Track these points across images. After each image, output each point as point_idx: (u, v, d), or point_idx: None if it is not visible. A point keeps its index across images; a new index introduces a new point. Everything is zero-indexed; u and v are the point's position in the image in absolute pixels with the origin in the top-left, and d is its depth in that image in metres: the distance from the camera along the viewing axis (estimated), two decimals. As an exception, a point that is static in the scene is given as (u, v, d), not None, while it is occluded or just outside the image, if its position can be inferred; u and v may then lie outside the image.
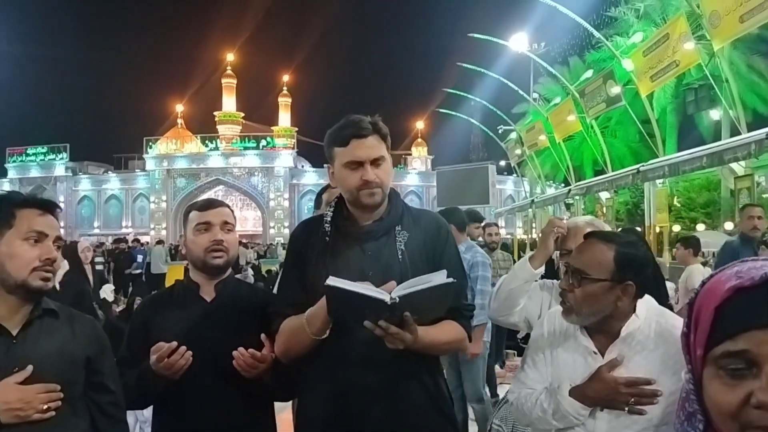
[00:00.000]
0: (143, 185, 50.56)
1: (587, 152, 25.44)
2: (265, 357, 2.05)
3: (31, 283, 1.72)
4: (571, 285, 1.88)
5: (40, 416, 1.67)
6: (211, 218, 2.24)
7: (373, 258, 1.95)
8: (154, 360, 2.01)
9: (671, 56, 14.03)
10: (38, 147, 51.09)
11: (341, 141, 1.97)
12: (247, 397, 2.12)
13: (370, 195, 1.95)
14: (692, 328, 0.85)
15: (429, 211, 2.23)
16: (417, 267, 1.94)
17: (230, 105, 54.16)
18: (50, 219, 1.80)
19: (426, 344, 1.83)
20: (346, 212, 2.04)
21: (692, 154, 12.92)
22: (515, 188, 47.69)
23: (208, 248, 2.20)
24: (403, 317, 1.71)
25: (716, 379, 0.79)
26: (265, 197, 48.41)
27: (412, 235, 2.00)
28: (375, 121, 1.99)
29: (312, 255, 1.99)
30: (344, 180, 1.98)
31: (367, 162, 1.94)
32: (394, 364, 1.86)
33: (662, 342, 1.83)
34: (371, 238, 1.99)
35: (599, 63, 23.01)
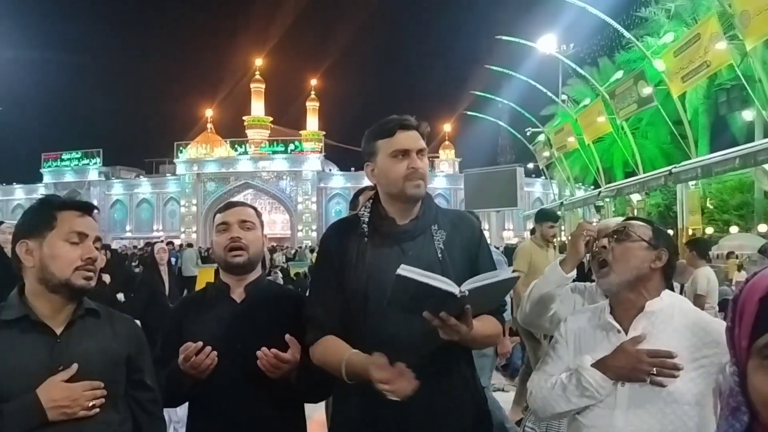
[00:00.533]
0: (174, 189, 51.22)
1: (617, 154, 25.13)
2: (288, 358, 2.05)
3: (75, 282, 1.77)
4: (610, 243, 1.97)
5: (86, 413, 1.71)
6: (229, 218, 2.28)
7: (413, 258, 1.93)
8: (182, 360, 2.04)
9: (702, 56, 13.82)
10: (72, 152, 52.16)
11: (386, 132, 2.00)
12: (276, 397, 2.14)
13: (416, 186, 1.97)
14: (736, 321, 0.86)
15: (460, 211, 2.27)
16: (456, 266, 1.96)
17: (259, 109, 54.63)
18: (89, 220, 1.85)
19: (476, 336, 1.83)
20: (383, 212, 2.05)
21: (725, 156, 12.71)
22: (543, 191, 47.27)
23: (227, 247, 2.23)
24: (464, 309, 1.73)
25: (761, 370, 0.80)
26: (293, 201, 48.69)
27: (449, 235, 2.02)
28: (420, 121, 2.04)
29: (349, 256, 1.99)
30: (389, 170, 1.98)
31: (414, 151, 1.98)
32: (435, 355, 1.87)
33: (684, 321, 1.89)
34: (409, 238, 2.00)
35: (629, 64, 22.74)
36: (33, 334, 1.74)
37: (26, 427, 1.65)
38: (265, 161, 49.57)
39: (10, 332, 1.73)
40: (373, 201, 2.09)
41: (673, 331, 1.87)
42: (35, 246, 1.77)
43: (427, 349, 1.85)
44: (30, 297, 1.78)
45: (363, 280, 1.94)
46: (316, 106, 56.55)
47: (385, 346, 1.85)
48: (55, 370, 1.71)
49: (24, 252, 1.78)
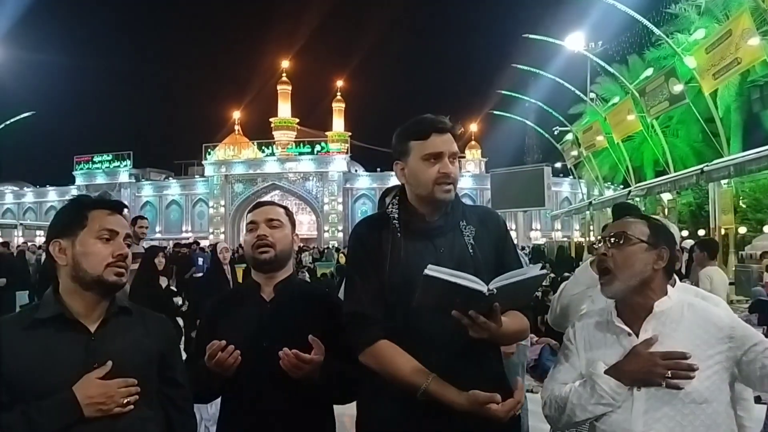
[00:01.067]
0: (202, 191, 51.88)
1: (648, 152, 24.80)
2: (310, 359, 2.04)
3: (107, 279, 1.79)
4: (609, 249, 1.92)
5: (121, 410, 1.73)
6: (257, 217, 2.31)
7: (446, 254, 1.96)
8: (207, 358, 2.07)
9: (734, 53, 13.56)
10: (104, 155, 53.13)
11: (420, 134, 1.98)
12: (304, 397, 2.13)
13: (446, 191, 1.96)
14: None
15: (484, 207, 2.27)
16: (487, 261, 1.97)
17: (285, 111, 55.05)
18: (119, 218, 1.88)
19: (504, 333, 1.82)
20: (412, 208, 2.04)
21: (759, 153, 12.44)
22: (572, 190, 46.84)
23: (254, 244, 2.26)
24: (493, 307, 1.72)
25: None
26: (320, 201, 48.97)
27: (478, 230, 2.02)
28: (454, 123, 2.03)
29: (383, 252, 1.99)
30: (420, 173, 1.98)
31: (447, 155, 1.97)
32: (465, 351, 1.87)
33: (694, 318, 1.86)
34: (440, 234, 2.00)
35: (659, 61, 22.40)
36: (68, 332, 1.76)
37: (63, 423, 1.67)
38: (291, 162, 49.93)
39: (46, 331, 1.75)
40: (399, 198, 2.08)
41: (685, 329, 1.85)
42: (68, 244, 1.80)
43: (459, 346, 1.85)
44: (64, 295, 1.81)
45: (398, 276, 1.93)
46: (341, 107, 56.78)
47: (420, 342, 1.87)
48: (90, 367, 1.73)
49: (57, 251, 1.81)
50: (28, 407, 1.66)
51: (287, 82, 55.55)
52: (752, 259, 15.70)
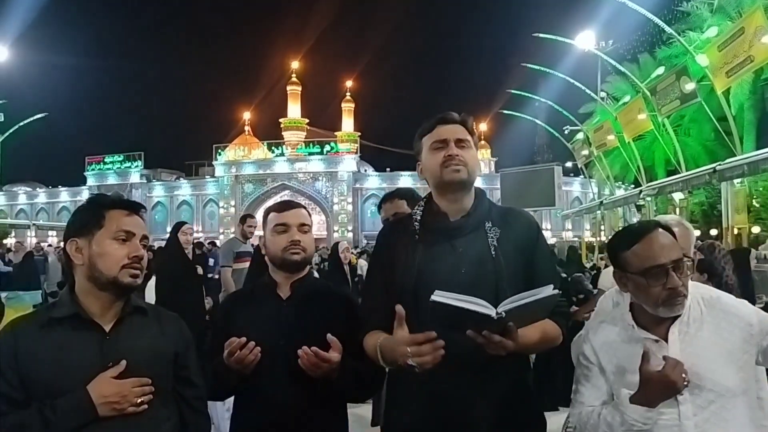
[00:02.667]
0: (213, 191, 52.05)
1: (659, 152, 24.65)
2: (329, 357, 2.05)
3: (122, 280, 1.80)
4: (681, 277, 1.82)
5: (135, 409, 1.74)
6: (289, 219, 2.31)
7: (464, 255, 1.94)
8: (226, 354, 2.07)
9: (747, 51, 13.44)
10: (115, 155, 53.42)
11: (428, 129, 2.06)
12: (319, 395, 2.14)
13: (454, 170, 1.97)
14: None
15: (516, 209, 2.19)
16: (510, 264, 1.93)
17: (295, 111, 55.18)
18: (136, 219, 1.88)
19: (527, 345, 1.82)
20: (436, 208, 2.05)
21: (773, 152, 12.32)
22: (582, 190, 46.61)
23: (287, 248, 2.27)
24: (507, 327, 1.71)
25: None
26: (329, 201, 49.01)
27: (503, 232, 1.99)
28: (464, 116, 2.06)
29: (399, 254, 2.00)
30: (430, 162, 2.02)
31: (451, 140, 2.00)
32: (485, 365, 1.85)
33: (716, 313, 1.85)
34: (461, 234, 1.98)
35: (671, 59, 22.25)
36: (83, 331, 1.77)
37: (78, 422, 1.68)
38: (301, 162, 50.01)
39: (61, 329, 1.76)
40: (427, 199, 2.10)
41: (710, 325, 1.83)
42: (84, 244, 1.81)
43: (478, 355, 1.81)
44: (80, 295, 1.82)
45: (412, 278, 1.93)
46: (351, 108, 56.85)
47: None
48: (105, 366, 1.74)
49: (74, 250, 1.81)
50: (43, 406, 1.67)
51: (297, 83, 55.68)
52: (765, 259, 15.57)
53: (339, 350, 2.08)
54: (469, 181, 2.01)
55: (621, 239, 1.91)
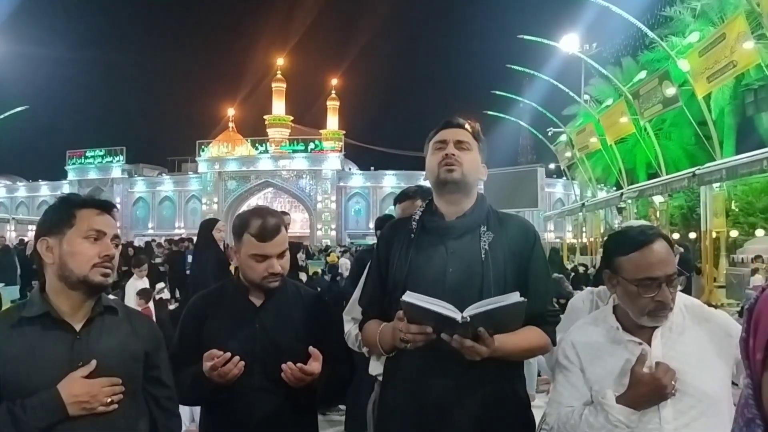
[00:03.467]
0: (195, 187, 51.76)
1: (640, 155, 24.87)
2: (312, 371, 2.06)
3: (92, 279, 1.79)
4: (671, 291, 1.83)
5: (105, 409, 1.73)
6: (269, 251, 2.18)
7: (455, 256, 1.98)
8: (208, 368, 2.04)
9: (729, 56, 13.59)
10: (96, 150, 52.90)
11: (434, 133, 2.12)
12: (292, 401, 2.15)
13: (448, 170, 2.01)
14: (751, 333, 0.83)
15: (517, 216, 2.24)
16: (500, 269, 1.95)
17: (280, 109, 55.00)
18: (108, 218, 1.87)
19: (507, 352, 1.85)
20: (435, 208, 2.10)
21: (752, 157, 12.47)
22: (565, 191, 46.97)
23: (266, 277, 2.19)
24: (478, 332, 1.74)
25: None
26: (313, 199, 48.94)
27: (497, 237, 2.01)
28: (469, 122, 2.12)
29: (394, 252, 2.05)
30: (429, 162, 2.08)
31: (450, 142, 2.05)
32: (472, 370, 1.87)
33: (697, 320, 1.87)
34: (454, 235, 2.02)
35: (653, 64, 22.45)
36: (54, 330, 1.76)
37: (48, 421, 1.67)
38: (285, 160, 49.88)
39: (32, 329, 1.75)
40: (429, 200, 2.14)
41: (690, 331, 1.86)
42: (55, 243, 1.79)
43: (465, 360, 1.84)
44: (50, 294, 1.80)
45: (403, 275, 1.98)
46: (336, 106, 56.80)
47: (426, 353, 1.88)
48: (75, 366, 1.73)
49: (45, 249, 1.80)
50: (12, 405, 1.66)
51: (282, 80, 55.51)
52: (743, 263, 15.78)
53: (320, 360, 2.09)
54: (464, 182, 2.04)
55: (620, 243, 1.90)
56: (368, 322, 2.11)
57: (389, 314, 1.99)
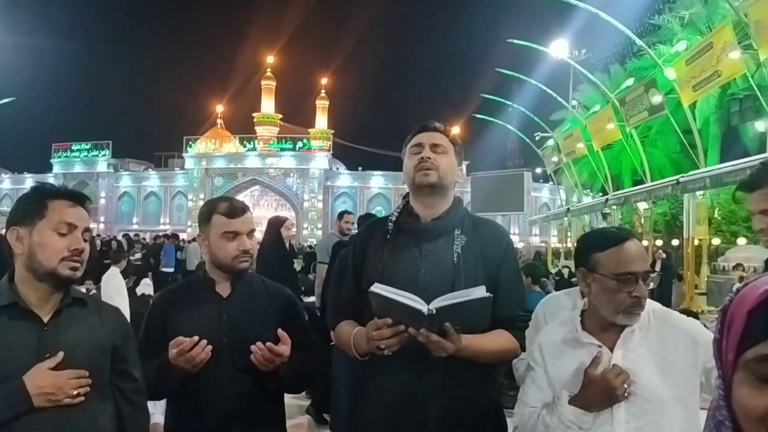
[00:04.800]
0: (182, 183, 51.47)
1: (626, 161, 25.05)
2: (281, 352, 2.09)
3: (61, 272, 1.77)
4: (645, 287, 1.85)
5: (71, 401, 1.72)
6: (239, 227, 2.23)
7: (428, 258, 2.00)
8: (174, 354, 2.05)
9: (714, 66, 13.71)
10: (82, 143, 52.45)
11: (411, 136, 2.14)
12: (260, 390, 2.17)
13: (424, 174, 2.03)
14: (724, 333, 0.84)
15: (491, 221, 2.27)
16: (471, 272, 1.96)
17: (269, 107, 54.80)
18: (80, 211, 1.84)
19: (474, 352, 1.87)
20: (411, 209, 2.11)
21: (735, 166, 12.59)
22: (551, 196, 47.16)
23: (237, 256, 2.22)
24: (444, 327, 1.76)
25: (745, 383, 0.78)
26: (300, 198, 48.84)
27: (470, 240, 2.03)
28: (445, 126, 2.14)
29: (370, 252, 2.07)
30: (406, 166, 2.11)
31: (427, 144, 2.06)
32: (444, 369, 1.89)
33: (662, 325, 1.87)
34: (428, 237, 2.03)
35: (641, 71, 22.62)
36: (21, 321, 1.74)
37: (12, 412, 1.66)
38: (273, 158, 49.73)
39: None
40: (406, 202, 2.16)
41: (654, 336, 1.86)
42: (25, 233, 1.77)
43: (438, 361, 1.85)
44: (19, 284, 1.79)
45: (377, 275, 1.98)
46: (325, 105, 56.68)
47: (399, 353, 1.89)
48: (42, 357, 1.71)
49: (14, 239, 1.78)
50: None
51: (271, 78, 55.31)
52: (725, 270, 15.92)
53: (288, 344, 2.11)
54: (440, 185, 2.05)
55: (597, 240, 1.92)
56: (341, 324, 2.13)
57: (363, 314, 2.01)
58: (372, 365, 1.99)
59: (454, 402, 1.93)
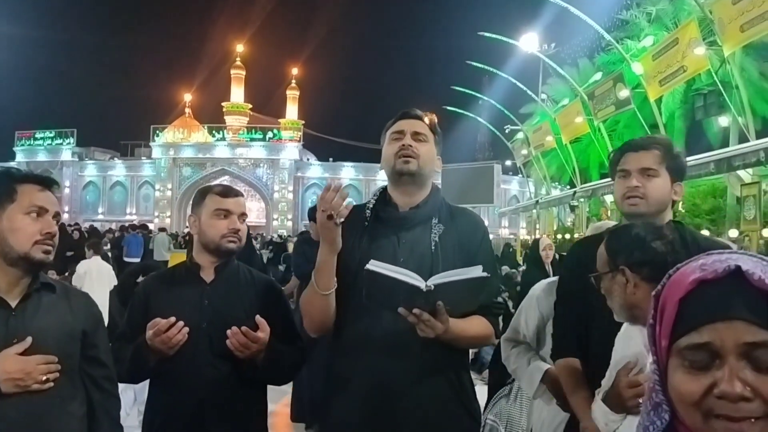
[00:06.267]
0: (149, 173, 50.71)
1: (594, 155, 25.40)
2: (257, 337, 2.07)
3: (34, 256, 1.74)
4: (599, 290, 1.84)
5: (39, 387, 1.69)
6: (232, 207, 2.27)
7: (406, 246, 2.01)
8: (151, 335, 2.03)
9: (680, 61, 13.99)
10: (46, 131, 51.30)
11: (391, 123, 2.12)
12: (239, 378, 2.15)
13: (404, 161, 2.02)
14: (658, 319, 0.86)
15: (468, 210, 2.28)
16: (448, 260, 1.97)
17: (238, 96, 54.24)
18: (49, 195, 1.83)
19: (455, 335, 1.87)
20: (388, 197, 2.11)
21: (699, 160, 12.89)
22: (520, 188, 47.62)
23: (225, 235, 2.23)
24: (436, 306, 1.76)
25: (680, 369, 0.81)
26: (270, 189, 48.51)
27: (447, 229, 2.05)
28: (427, 114, 2.13)
29: (348, 240, 2.03)
30: (386, 153, 2.09)
31: (408, 132, 2.06)
32: (419, 356, 1.90)
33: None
34: (406, 226, 2.04)
35: (609, 66, 22.91)
36: None
37: None
38: (242, 148, 49.28)
39: None
40: (383, 189, 2.15)
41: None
42: None
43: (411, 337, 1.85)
44: None
45: (356, 264, 1.96)
46: (296, 95, 56.32)
47: (373, 330, 1.92)
48: (10, 342, 1.69)
49: None
50: None
51: (241, 67, 54.73)
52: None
53: (267, 331, 2.09)
54: (420, 173, 2.06)
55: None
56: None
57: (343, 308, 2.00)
58: (343, 347, 1.99)
59: (429, 389, 1.94)
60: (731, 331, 0.77)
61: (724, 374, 0.77)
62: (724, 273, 0.79)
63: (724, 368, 0.77)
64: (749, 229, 11.61)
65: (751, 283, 0.77)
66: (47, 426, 1.74)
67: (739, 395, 0.75)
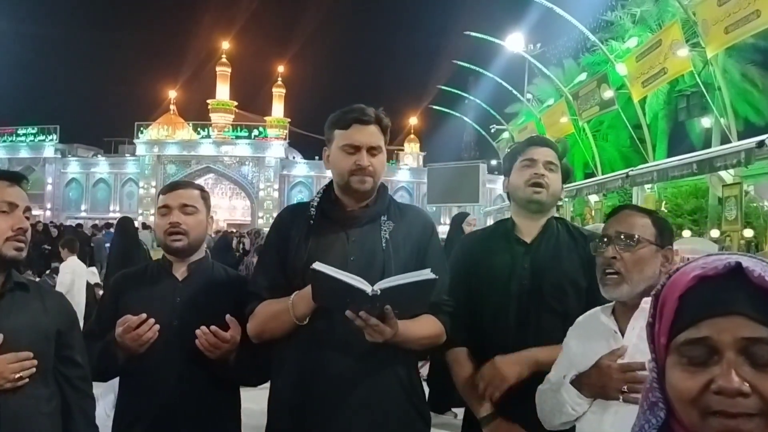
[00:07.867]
0: (133, 170, 50.24)
1: (578, 155, 25.52)
2: (228, 337, 2.03)
3: (6, 253, 1.72)
4: (619, 251, 1.77)
5: (12, 386, 1.67)
6: (170, 201, 2.22)
7: (356, 244, 1.97)
8: (120, 331, 2.00)
9: (662, 63, 14.10)
10: (28, 128, 50.67)
11: (343, 124, 2.01)
12: (210, 377, 2.11)
13: (361, 181, 1.97)
14: (657, 317, 0.86)
15: (415, 207, 2.26)
16: (400, 257, 1.95)
17: (224, 93, 53.88)
18: (18, 190, 1.81)
19: (406, 338, 1.85)
20: (334, 197, 2.06)
21: (682, 161, 13.00)
22: (505, 188, 47.71)
23: (167, 231, 2.19)
24: (384, 310, 1.72)
25: (678, 366, 0.81)
26: (255, 187, 48.26)
27: (397, 227, 2.02)
28: (379, 113, 2.03)
29: (293, 238, 2.00)
30: (338, 163, 2.00)
31: (364, 148, 1.98)
32: (369, 353, 1.86)
33: None
34: (356, 225, 2.00)
35: (594, 66, 23.04)
36: None
37: None
38: (227, 146, 48.96)
39: None
40: (326, 186, 2.10)
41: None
42: None
43: (358, 347, 1.83)
44: None
45: (302, 263, 1.92)
46: (282, 93, 56.03)
47: (321, 329, 1.88)
48: None
49: None
50: None
51: (227, 64, 54.34)
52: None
53: (238, 331, 2.05)
54: (374, 189, 2.02)
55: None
56: (266, 302, 1.99)
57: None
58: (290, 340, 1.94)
59: (377, 385, 1.91)
60: (730, 326, 0.77)
61: (722, 369, 0.76)
62: (724, 269, 0.79)
63: (722, 363, 0.77)
64: (730, 229, 11.72)
65: (751, 281, 0.78)
66: (21, 426, 1.71)
67: (737, 390, 0.75)
